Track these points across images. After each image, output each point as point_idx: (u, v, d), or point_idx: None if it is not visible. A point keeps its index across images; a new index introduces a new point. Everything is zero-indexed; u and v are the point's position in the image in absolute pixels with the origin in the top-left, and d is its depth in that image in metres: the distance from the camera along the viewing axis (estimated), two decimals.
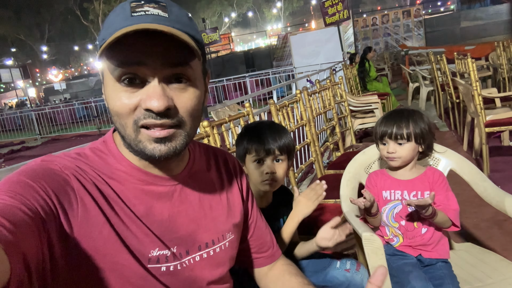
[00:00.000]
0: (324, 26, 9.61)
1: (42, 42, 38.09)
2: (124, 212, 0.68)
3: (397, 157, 1.39)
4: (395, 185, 1.44)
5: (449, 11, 28.81)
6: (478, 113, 3.15)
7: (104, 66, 0.66)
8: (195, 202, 0.79)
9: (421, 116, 1.40)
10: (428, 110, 6.55)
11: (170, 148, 0.66)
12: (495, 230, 2.37)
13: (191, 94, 0.67)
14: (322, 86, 3.18)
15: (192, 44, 0.61)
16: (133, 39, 0.59)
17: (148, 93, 0.63)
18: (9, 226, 0.49)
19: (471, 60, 3.40)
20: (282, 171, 1.31)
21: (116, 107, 0.64)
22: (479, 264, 1.42)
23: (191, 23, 0.66)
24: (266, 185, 1.29)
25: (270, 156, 1.28)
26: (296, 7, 42.92)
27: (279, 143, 1.28)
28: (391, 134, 1.38)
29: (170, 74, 0.64)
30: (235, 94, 13.20)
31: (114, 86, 0.64)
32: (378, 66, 11.33)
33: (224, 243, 0.83)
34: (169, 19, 0.61)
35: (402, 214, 1.41)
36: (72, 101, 19.03)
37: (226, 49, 28.31)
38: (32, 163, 0.65)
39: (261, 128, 1.32)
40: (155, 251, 0.70)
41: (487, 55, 7.94)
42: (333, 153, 3.22)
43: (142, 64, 0.62)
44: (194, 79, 0.67)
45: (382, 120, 1.44)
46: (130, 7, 0.61)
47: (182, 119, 0.66)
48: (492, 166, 3.26)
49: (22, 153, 10.33)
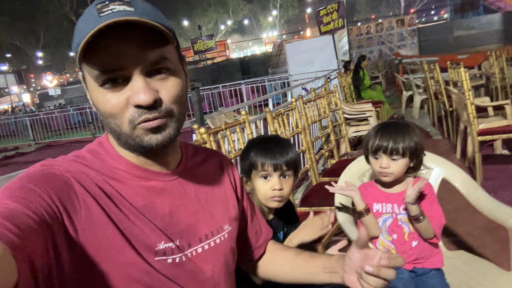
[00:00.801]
0: (319, 35, 9.70)
1: (37, 48, 37.96)
2: (128, 209, 0.70)
3: (390, 173, 1.35)
4: (386, 199, 1.44)
5: (443, 20, 29.18)
6: (471, 122, 3.19)
7: (85, 72, 0.67)
8: (192, 196, 0.82)
9: (414, 131, 1.36)
10: (421, 118, 6.60)
11: (165, 136, 0.69)
12: (488, 237, 2.39)
13: (173, 82, 0.69)
14: (317, 95, 3.20)
15: (163, 29, 0.63)
16: (107, 41, 0.61)
17: (133, 89, 0.65)
18: (15, 230, 0.49)
19: (464, 69, 3.44)
20: (289, 187, 1.28)
21: (108, 109, 0.66)
22: (471, 272, 1.43)
23: (157, 13, 0.68)
24: (274, 202, 1.27)
25: (277, 172, 1.25)
26: (291, 15, 43.25)
27: (286, 158, 1.25)
28: (387, 148, 1.32)
29: (149, 64, 0.66)
30: (230, 101, 13.21)
31: (99, 90, 0.66)
32: (372, 74, 11.41)
33: (223, 234, 0.85)
34: (135, 13, 0.63)
35: (393, 228, 1.42)
36: (66, 107, 18.95)
37: (222, 56, 28.42)
38: (33, 168, 0.66)
39: (268, 143, 1.29)
40: (161, 244, 0.72)
41: (479, 64, 8.03)
42: (328, 160, 3.24)
43: (121, 62, 0.63)
44: (173, 67, 0.70)
45: (376, 132, 1.37)
46: (97, 9, 0.63)
47: (169, 108, 0.69)
48: (485, 174, 3.28)
49: (16, 159, 10.24)
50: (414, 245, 1.39)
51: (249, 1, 43.15)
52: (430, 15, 40.19)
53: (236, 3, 41.19)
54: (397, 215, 1.41)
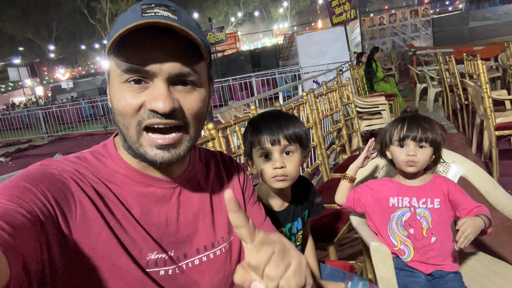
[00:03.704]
0: (331, 26, 9.55)
1: (49, 41, 38.40)
2: (123, 215, 0.68)
3: (417, 161, 1.33)
4: (403, 192, 1.40)
5: (458, 11, 28.58)
6: (488, 116, 3.10)
7: (111, 64, 0.66)
8: (194, 205, 0.79)
9: (436, 125, 1.38)
10: (436, 111, 6.48)
11: (173, 155, 0.67)
12: (505, 236, 2.33)
13: (196, 96, 0.68)
14: (328, 88, 3.14)
15: (200, 42, 0.62)
16: (142, 36, 0.60)
17: (153, 94, 0.63)
18: (8, 229, 0.48)
19: (481, 61, 3.34)
20: (293, 164, 1.12)
21: (120, 106, 0.65)
22: (490, 275, 1.38)
23: (199, 28, 0.67)
24: (277, 182, 1.12)
25: (276, 147, 1.09)
26: (302, 6, 42.83)
27: (285, 132, 1.09)
28: (416, 136, 1.32)
29: (177, 74, 0.64)
30: (241, 94, 13.18)
31: (120, 86, 0.65)
32: (385, 66, 11.23)
33: (225, 245, 0.81)
34: (178, 21, 0.62)
35: (410, 222, 1.37)
36: (79, 99, 19.13)
37: (232, 48, 28.32)
38: (31, 167, 0.66)
39: (265, 118, 1.16)
40: (153, 255, 0.70)
41: (496, 56, 7.83)
42: (340, 155, 3.18)
43: (149, 65, 0.62)
44: (200, 83, 0.68)
45: (402, 122, 1.37)
46: (141, 9, 0.62)
47: (187, 120, 0.67)
48: (501, 170, 3.19)
49: (29, 152, 10.39)
50: (433, 241, 1.34)
51: None
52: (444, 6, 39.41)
53: None
54: (415, 209, 1.37)
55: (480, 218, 1.20)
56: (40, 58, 38.27)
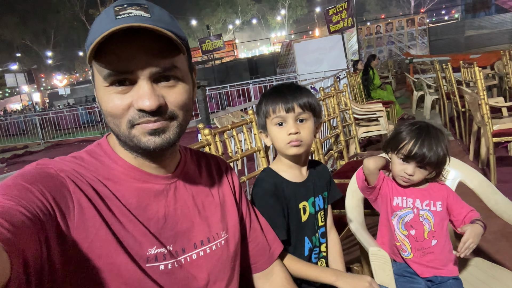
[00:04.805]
0: (328, 34, 9.62)
1: (47, 48, 38.45)
2: (121, 212, 0.69)
3: (412, 180, 1.32)
4: (407, 192, 1.38)
5: (454, 20, 28.87)
6: (485, 123, 3.10)
7: (94, 70, 0.68)
8: (188, 201, 0.81)
9: (444, 138, 1.30)
10: (432, 119, 6.50)
11: (164, 139, 0.69)
12: (503, 242, 2.32)
13: (180, 89, 0.70)
14: (326, 94, 3.14)
15: (175, 38, 0.64)
16: (118, 40, 0.62)
17: (138, 93, 0.65)
18: (8, 227, 0.49)
19: (478, 69, 3.35)
20: (307, 130, 1.15)
21: (109, 108, 0.67)
22: (490, 281, 1.36)
23: (173, 21, 0.69)
24: (292, 147, 1.14)
25: (290, 114, 1.13)
26: (300, 15, 43.15)
27: (299, 100, 1.13)
28: (421, 160, 1.26)
29: (158, 71, 0.66)
30: (238, 101, 13.19)
31: (105, 89, 0.66)
32: (382, 74, 11.29)
33: (220, 241, 0.84)
34: (152, 19, 0.64)
35: (413, 223, 1.36)
36: (76, 106, 19.10)
37: (230, 55, 28.45)
38: (28, 167, 0.66)
39: (279, 88, 1.20)
40: (153, 250, 0.71)
41: (492, 64, 7.90)
42: (337, 161, 3.17)
43: (130, 65, 0.64)
44: (182, 75, 0.70)
45: (416, 137, 1.28)
46: (114, 11, 0.64)
47: (174, 113, 0.69)
48: (499, 177, 3.20)
49: (25, 158, 10.32)
50: (433, 244, 1.33)
51: (258, 1, 43.18)
52: (440, 15, 39.80)
53: (244, 3, 41.23)
54: (419, 210, 1.35)
55: (479, 224, 1.19)
56: (38, 65, 38.28)
